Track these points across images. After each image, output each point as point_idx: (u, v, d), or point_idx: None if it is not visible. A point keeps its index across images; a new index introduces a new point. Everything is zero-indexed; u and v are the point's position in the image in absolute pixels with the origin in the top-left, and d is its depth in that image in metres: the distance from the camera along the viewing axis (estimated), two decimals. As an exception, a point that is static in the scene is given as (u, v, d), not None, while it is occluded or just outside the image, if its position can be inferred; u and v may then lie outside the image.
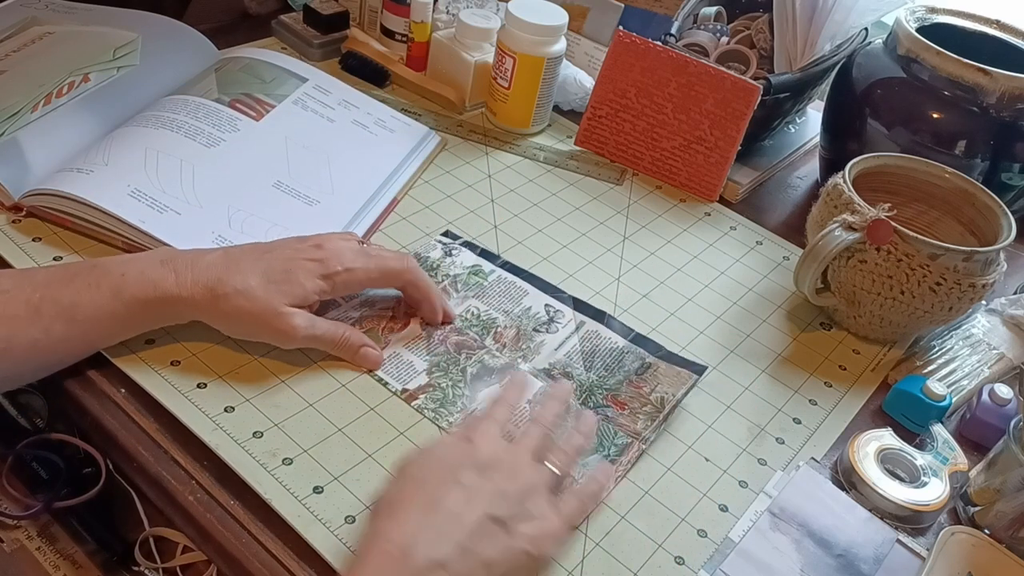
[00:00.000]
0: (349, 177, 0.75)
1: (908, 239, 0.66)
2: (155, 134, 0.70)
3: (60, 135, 0.70)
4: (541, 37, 0.83)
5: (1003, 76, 0.75)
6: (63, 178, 0.65)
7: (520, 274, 0.71)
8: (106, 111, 0.73)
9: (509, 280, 0.70)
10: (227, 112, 0.74)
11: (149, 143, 0.69)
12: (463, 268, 0.70)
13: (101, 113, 0.73)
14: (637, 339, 0.67)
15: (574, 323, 0.67)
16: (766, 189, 0.91)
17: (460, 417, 0.58)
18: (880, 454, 0.61)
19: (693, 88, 0.82)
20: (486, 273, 0.70)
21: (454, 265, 0.70)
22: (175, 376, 0.57)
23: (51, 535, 0.65)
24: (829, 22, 0.84)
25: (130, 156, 0.68)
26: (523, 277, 0.70)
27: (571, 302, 0.69)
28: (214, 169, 0.69)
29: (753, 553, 0.54)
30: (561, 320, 0.67)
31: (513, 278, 0.70)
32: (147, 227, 0.63)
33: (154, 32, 0.82)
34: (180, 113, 0.72)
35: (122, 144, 0.69)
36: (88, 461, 0.65)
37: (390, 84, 0.92)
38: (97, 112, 0.73)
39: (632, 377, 0.64)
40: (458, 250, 0.71)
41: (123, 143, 0.69)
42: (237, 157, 0.71)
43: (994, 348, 0.72)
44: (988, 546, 0.56)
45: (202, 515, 0.51)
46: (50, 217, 0.65)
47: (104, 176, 0.65)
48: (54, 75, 0.73)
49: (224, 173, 0.70)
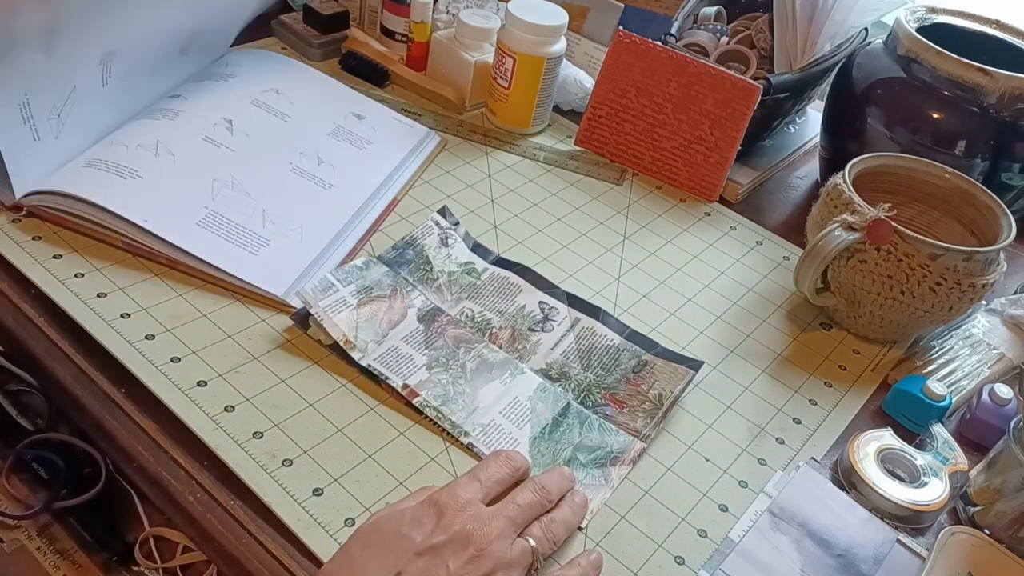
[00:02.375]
0: (349, 177, 0.75)
1: (908, 239, 0.66)
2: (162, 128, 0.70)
3: (62, 133, 0.70)
4: (541, 37, 0.83)
5: (1003, 76, 0.75)
6: (64, 178, 0.65)
7: (514, 268, 0.71)
8: (109, 109, 0.73)
9: (503, 277, 0.70)
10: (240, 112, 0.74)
11: (159, 136, 0.70)
12: (457, 265, 0.70)
13: (102, 111, 0.73)
14: (632, 336, 0.67)
15: (569, 320, 0.67)
16: (766, 189, 0.91)
17: (462, 417, 0.58)
18: (880, 454, 0.61)
19: (693, 88, 0.82)
20: (479, 272, 0.70)
21: (448, 260, 0.70)
22: (176, 373, 0.57)
23: (51, 535, 0.65)
24: (829, 22, 0.84)
25: (136, 154, 0.68)
26: (516, 271, 0.70)
27: (565, 298, 0.69)
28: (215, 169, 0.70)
29: (753, 553, 0.54)
30: (556, 318, 0.67)
31: (507, 274, 0.70)
32: (150, 226, 0.63)
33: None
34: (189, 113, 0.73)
35: (127, 141, 0.69)
36: (88, 461, 0.65)
37: (390, 84, 0.92)
38: (99, 110, 0.73)
39: (629, 375, 0.64)
40: (455, 240, 0.71)
41: (128, 140, 0.69)
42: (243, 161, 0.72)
43: (994, 348, 0.72)
44: (988, 546, 0.56)
45: (202, 515, 0.51)
46: (50, 217, 0.65)
47: (104, 175, 0.65)
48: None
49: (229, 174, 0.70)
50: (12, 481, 0.65)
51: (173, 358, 0.58)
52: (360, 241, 0.71)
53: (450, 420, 0.58)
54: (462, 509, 0.48)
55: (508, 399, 0.60)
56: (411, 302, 0.65)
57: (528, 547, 0.49)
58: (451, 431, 0.57)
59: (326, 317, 0.61)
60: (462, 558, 0.46)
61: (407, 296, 0.65)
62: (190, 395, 0.56)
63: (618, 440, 0.59)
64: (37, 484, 0.65)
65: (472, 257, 0.71)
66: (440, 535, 0.47)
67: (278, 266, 0.65)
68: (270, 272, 0.64)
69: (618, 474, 0.57)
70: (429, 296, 0.66)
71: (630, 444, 0.59)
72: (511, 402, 0.60)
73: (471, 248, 0.72)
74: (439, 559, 0.46)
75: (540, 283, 0.70)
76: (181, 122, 0.72)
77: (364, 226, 0.72)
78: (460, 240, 0.72)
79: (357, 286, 0.64)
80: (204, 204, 0.67)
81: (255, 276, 0.63)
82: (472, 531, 0.47)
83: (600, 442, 0.59)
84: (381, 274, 0.66)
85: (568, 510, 0.53)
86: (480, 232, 0.75)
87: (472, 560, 0.46)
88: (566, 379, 0.62)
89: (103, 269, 0.63)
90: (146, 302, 0.61)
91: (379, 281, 0.65)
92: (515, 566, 0.48)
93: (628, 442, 0.59)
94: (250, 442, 0.54)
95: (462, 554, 0.46)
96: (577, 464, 0.57)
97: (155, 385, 0.56)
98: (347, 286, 0.64)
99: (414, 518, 0.48)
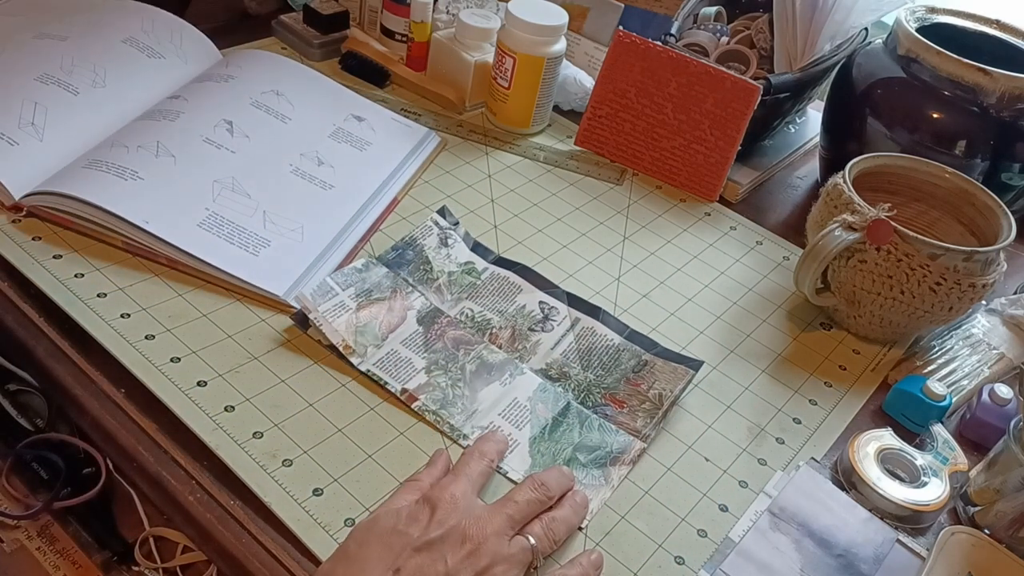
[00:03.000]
0: (349, 178, 0.75)
1: (908, 239, 0.66)
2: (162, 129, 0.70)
3: (61, 135, 0.70)
4: (541, 37, 0.83)
5: (1003, 76, 0.75)
6: (65, 178, 0.65)
7: (514, 268, 0.70)
8: (108, 110, 0.73)
9: (502, 276, 0.70)
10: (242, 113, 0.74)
11: (159, 138, 0.70)
12: (457, 265, 0.69)
13: (102, 112, 0.73)
14: (632, 336, 0.67)
15: (569, 320, 0.67)
16: (766, 189, 0.91)
17: (461, 420, 0.58)
18: (880, 454, 0.61)
19: (693, 88, 0.82)
20: (479, 272, 0.70)
21: (448, 260, 0.70)
22: (176, 374, 0.57)
23: (51, 535, 0.65)
24: (829, 22, 0.84)
25: (135, 154, 0.68)
26: (517, 271, 0.70)
27: (565, 298, 0.69)
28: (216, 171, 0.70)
29: (753, 553, 0.54)
30: (556, 317, 0.67)
31: (507, 274, 0.70)
32: (151, 228, 0.63)
33: (156, 28, 0.82)
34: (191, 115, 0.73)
35: (128, 142, 0.69)
36: (88, 461, 0.65)
37: (390, 84, 0.92)
38: (98, 111, 0.73)
39: (629, 375, 0.64)
40: (455, 240, 0.71)
41: (129, 141, 0.69)
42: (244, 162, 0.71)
43: (994, 348, 0.72)
44: (988, 546, 0.56)
45: (202, 515, 0.51)
46: (51, 217, 0.65)
47: (105, 176, 0.65)
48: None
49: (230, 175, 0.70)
50: (12, 481, 0.65)
51: (173, 358, 0.58)
52: (360, 241, 0.71)
53: (449, 423, 0.58)
54: (455, 504, 0.48)
55: (508, 400, 0.60)
56: (411, 304, 0.65)
57: (527, 545, 0.49)
58: (450, 434, 0.57)
59: (325, 322, 0.61)
60: (460, 553, 0.46)
61: (407, 298, 0.65)
62: (190, 395, 0.56)
63: (618, 440, 0.59)
64: (37, 484, 0.65)
65: (472, 257, 0.71)
66: (437, 530, 0.47)
67: (279, 266, 0.65)
68: (271, 272, 0.64)
69: (618, 474, 0.57)
70: (429, 297, 0.66)
71: (630, 444, 0.59)
72: (511, 403, 0.60)
73: (471, 248, 0.72)
74: (437, 554, 0.46)
75: (540, 283, 0.70)
76: (182, 123, 0.72)
77: (364, 226, 0.72)
78: (460, 240, 0.72)
79: (356, 289, 0.64)
80: (205, 205, 0.67)
81: (256, 276, 0.63)
82: (468, 526, 0.47)
83: (600, 442, 0.59)
84: (380, 276, 0.66)
85: (569, 509, 0.53)
86: (480, 232, 0.75)
87: (470, 555, 0.46)
88: (566, 379, 0.62)
89: (103, 269, 0.63)
90: (146, 302, 0.62)
91: (379, 283, 0.65)
92: (513, 562, 0.48)
93: (628, 442, 0.59)
94: (250, 442, 0.54)
95: (459, 549, 0.46)
96: (577, 464, 0.57)
97: (155, 385, 0.56)
98: (346, 290, 0.64)
99: (410, 515, 0.48)
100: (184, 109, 0.74)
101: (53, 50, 0.75)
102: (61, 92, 0.72)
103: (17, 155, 0.66)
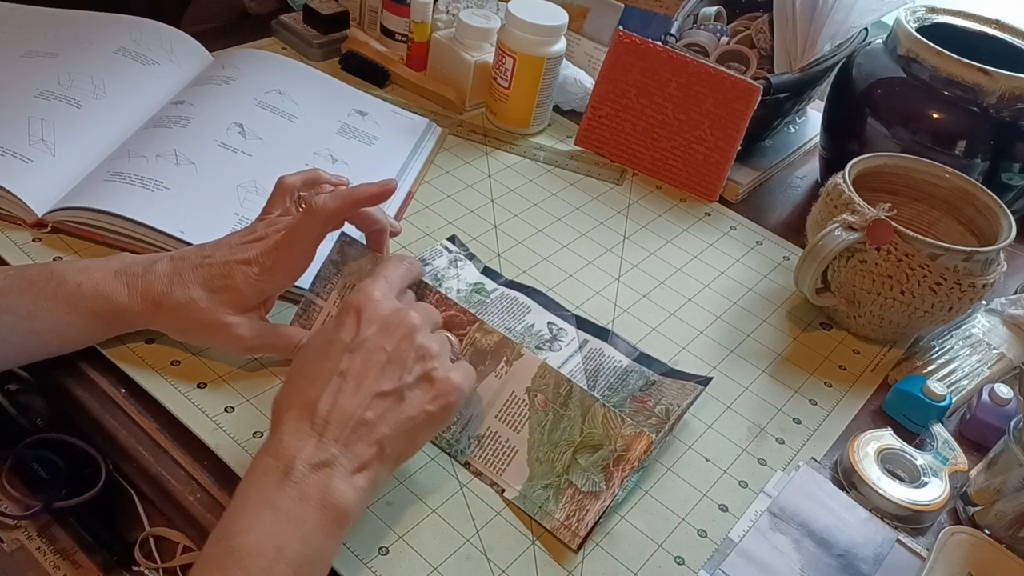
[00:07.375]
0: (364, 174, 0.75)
1: (908, 239, 0.66)
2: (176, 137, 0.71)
3: (72, 148, 0.69)
4: (541, 37, 0.83)
5: (1003, 76, 0.75)
6: (89, 192, 0.65)
7: (523, 290, 0.70)
8: (113, 119, 0.73)
9: (512, 296, 0.69)
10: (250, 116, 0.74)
11: (175, 146, 0.70)
12: (466, 284, 0.69)
13: (108, 122, 0.73)
14: (641, 358, 0.65)
15: (577, 341, 0.66)
16: (766, 189, 0.91)
17: (456, 432, 0.57)
18: (880, 454, 0.61)
19: (693, 88, 0.82)
20: (488, 291, 0.69)
21: (458, 279, 0.69)
22: (175, 376, 0.57)
23: (51, 535, 0.65)
24: (829, 22, 0.84)
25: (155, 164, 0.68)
26: (526, 293, 0.69)
27: (574, 320, 0.68)
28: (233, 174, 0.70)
29: (753, 553, 0.54)
30: (564, 338, 0.66)
31: (516, 294, 0.69)
32: (187, 237, 0.62)
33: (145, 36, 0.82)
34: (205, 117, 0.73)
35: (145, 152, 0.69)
36: (88, 461, 0.65)
37: (390, 84, 0.92)
38: (104, 122, 0.72)
39: (636, 393, 0.62)
40: (463, 262, 0.71)
41: (146, 151, 0.69)
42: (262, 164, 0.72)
43: (994, 348, 0.72)
44: (988, 546, 0.56)
45: (202, 515, 0.51)
46: (77, 231, 0.65)
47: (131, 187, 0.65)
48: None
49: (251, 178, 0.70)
50: (12, 481, 0.65)
51: (173, 361, 0.58)
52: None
53: (445, 439, 0.57)
54: (378, 304, 0.50)
55: (505, 396, 0.58)
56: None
57: (446, 336, 0.52)
58: (448, 451, 0.57)
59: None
60: (395, 338, 0.48)
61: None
62: (190, 396, 0.56)
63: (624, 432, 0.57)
64: (37, 484, 0.65)
65: (482, 278, 0.70)
66: (368, 328, 0.48)
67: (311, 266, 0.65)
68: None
69: (620, 478, 0.56)
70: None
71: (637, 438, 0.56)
72: (508, 400, 0.58)
73: (481, 271, 0.71)
74: (375, 345, 0.48)
75: (550, 305, 0.69)
76: (193, 129, 0.72)
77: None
78: (469, 263, 0.71)
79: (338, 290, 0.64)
80: (234, 211, 0.67)
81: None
82: (396, 319, 0.49)
83: (603, 438, 0.57)
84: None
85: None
86: (480, 232, 0.75)
87: (405, 338, 0.49)
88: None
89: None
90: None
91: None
92: (442, 350, 0.51)
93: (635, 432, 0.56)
94: (250, 442, 0.54)
95: (394, 335, 0.48)
96: (576, 469, 0.56)
97: (155, 389, 0.56)
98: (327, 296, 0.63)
99: (337, 325, 0.49)
100: (192, 114, 0.74)
101: (47, 67, 0.75)
102: (64, 106, 0.71)
103: (33, 172, 0.66)
